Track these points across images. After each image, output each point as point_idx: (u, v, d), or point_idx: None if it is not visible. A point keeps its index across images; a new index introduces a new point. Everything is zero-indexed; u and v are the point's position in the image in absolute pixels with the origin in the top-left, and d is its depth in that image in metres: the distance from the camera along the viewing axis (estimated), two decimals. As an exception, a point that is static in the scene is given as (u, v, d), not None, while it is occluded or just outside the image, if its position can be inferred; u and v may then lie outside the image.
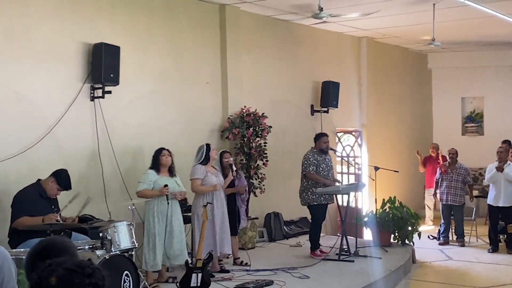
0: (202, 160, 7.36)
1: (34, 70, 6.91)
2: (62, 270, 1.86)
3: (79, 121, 7.36)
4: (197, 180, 7.28)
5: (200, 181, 7.26)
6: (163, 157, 6.99)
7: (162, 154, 7.01)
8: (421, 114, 14.35)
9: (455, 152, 10.43)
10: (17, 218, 5.94)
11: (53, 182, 6.19)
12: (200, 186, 7.26)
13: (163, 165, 6.99)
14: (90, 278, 1.87)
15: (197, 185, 7.27)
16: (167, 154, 7.05)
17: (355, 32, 11.72)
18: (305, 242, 9.38)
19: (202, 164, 7.36)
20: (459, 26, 11.04)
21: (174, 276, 7.11)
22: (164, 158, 6.99)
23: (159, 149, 7.11)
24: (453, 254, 9.57)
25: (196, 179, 7.28)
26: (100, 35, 7.48)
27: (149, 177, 6.87)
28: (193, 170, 7.37)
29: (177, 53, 8.62)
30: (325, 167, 8.49)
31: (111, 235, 5.84)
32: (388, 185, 11.16)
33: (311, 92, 11.06)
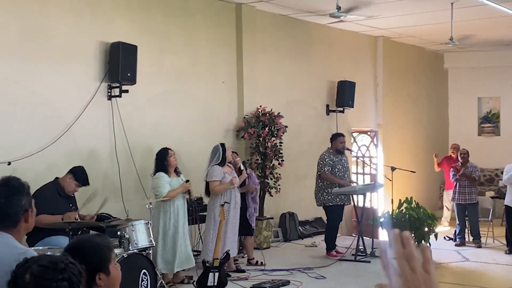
0: (219, 161, 7.33)
1: (52, 69, 6.95)
2: (36, 266, 1.88)
3: (96, 120, 7.40)
4: (215, 182, 7.26)
5: (219, 183, 7.25)
6: (171, 158, 6.89)
7: (169, 155, 6.89)
8: (437, 114, 14.25)
9: (466, 152, 10.34)
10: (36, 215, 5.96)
11: (71, 179, 6.22)
12: (218, 186, 7.25)
13: (172, 166, 6.91)
14: (62, 273, 1.88)
15: (215, 186, 7.26)
16: (173, 154, 6.95)
17: (371, 31, 11.67)
18: (320, 242, 9.35)
19: (220, 165, 7.34)
20: (477, 26, 10.95)
21: (190, 275, 7.12)
22: (172, 158, 6.89)
23: (165, 150, 6.95)
24: (470, 255, 9.49)
25: (214, 181, 7.26)
26: (117, 35, 7.51)
27: (164, 179, 6.80)
28: (211, 171, 7.31)
29: (193, 53, 8.63)
30: (341, 167, 8.46)
31: (129, 234, 5.84)
32: (404, 186, 11.10)
33: (327, 92, 11.02)
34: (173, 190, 6.78)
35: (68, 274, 1.91)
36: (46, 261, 1.92)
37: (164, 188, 6.72)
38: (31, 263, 1.91)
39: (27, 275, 1.88)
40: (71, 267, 1.94)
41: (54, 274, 1.88)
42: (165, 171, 6.85)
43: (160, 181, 6.76)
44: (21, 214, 2.54)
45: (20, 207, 2.53)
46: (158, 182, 6.77)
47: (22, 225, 2.55)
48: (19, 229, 2.54)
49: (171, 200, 6.81)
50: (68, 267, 1.93)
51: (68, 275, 1.91)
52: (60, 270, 1.90)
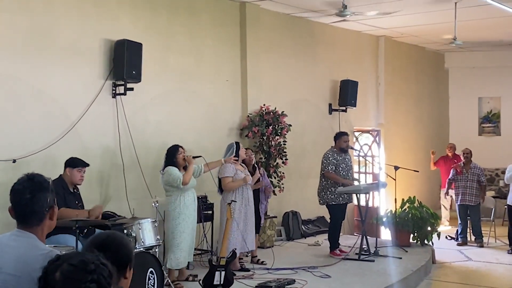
0: None
1: (57, 66, 6.91)
2: (66, 265, 1.85)
3: (101, 118, 7.35)
4: (227, 178, 7.30)
5: (231, 179, 7.27)
6: (180, 156, 6.88)
7: (179, 152, 6.89)
8: (437, 114, 14.25)
9: (469, 152, 10.34)
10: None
11: (70, 170, 6.15)
12: (231, 183, 7.26)
13: (180, 164, 6.89)
14: (92, 274, 1.85)
15: (228, 182, 7.28)
16: (183, 152, 6.94)
17: (373, 31, 11.65)
18: (323, 241, 9.34)
19: None
20: (479, 26, 10.95)
21: (195, 274, 7.08)
22: (180, 156, 6.88)
23: (175, 147, 6.96)
24: (472, 255, 9.49)
25: (226, 177, 7.30)
26: (122, 32, 7.46)
27: (175, 170, 6.77)
28: (223, 168, 7.37)
29: (197, 51, 8.60)
30: (345, 166, 8.43)
31: (135, 232, 5.81)
32: (405, 185, 11.07)
33: (330, 91, 11.00)
34: (187, 173, 6.72)
35: (97, 275, 1.88)
36: (77, 260, 1.88)
37: (179, 174, 6.70)
38: (62, 261, 1.88)
39: (57, 273, 1.85)
40: (101, 268, 1.90)
41: (83, 275, 1.85)
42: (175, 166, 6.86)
43: (172, 172, 6.75)
44: (47, 211, 2.51)
45: (46, 203, 2.50)
46: (170, 173, 6.76)
47: (46, 222, 2.53)
48: (42, 226, 2.51)
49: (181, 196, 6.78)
50: (98, 268, 1.89)
51: (98, 276, 1.88)
52: (90, 271, 1.87)
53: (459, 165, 10.43)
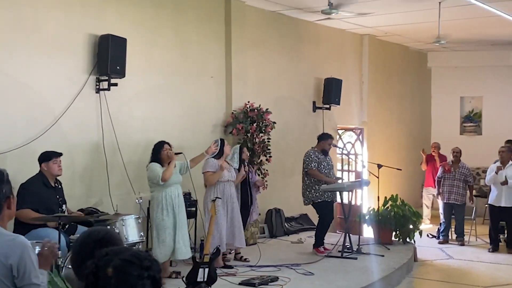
0: (215, 154, 7.37)
1: (41, 61, 6.84)
2: (119, 260, 1.79)
3: (84, 113, 7.29)
4: (208, 173, 7.32)
5: (211, 172, 7.28)
6: (164, 152, 6.86)
7: (164, 149, 6.88)
8: (420, 112, 14.37)
9: (459, 151, 10.42)
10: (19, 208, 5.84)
11: (46, 164, 6.11)
12: (211, 175, 7.30)
13: (164, 160, 6.87)
14: (148, 271, 1.79)
15: (209, 175, 7.31)
16: (169, 148, 6.92)
17: (357, 29, 11.70)
18: (306, 238, 9.38)
19: (215, 158, 7.40)
20: (462, 25, 11.05)
21: (178, 271, 7.06)
22: (164, 153, 6.86)
23: (161, 143, 6.96)
24: (453, 253, 9.59)
25: (207, 172, 7.32)
26: (106, 27, 7.41)
27: (157, 166, 6.78)
28: (205, 163, 7.40)
29: (182, 47, 8.56)
30: (326, 165, 8.47)
31: (119, 229, 5.79)
32: (387, 183, 11.13)
33: (314, 89, 11.03)
34: (166, 170, 6.72)
35: (153, 272, 1.82)
36: (129, 255, 1.82)
37: (158, 172, 6.72)
38: (112, 256, 1.81)
39: (110, 269, 1.78)
40: (155, 264, 1.84)
41: (140, 270, 1.79)
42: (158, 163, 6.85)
43: (153, 169, 6.77)
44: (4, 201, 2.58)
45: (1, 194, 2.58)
46: (151, 170, 6.79)
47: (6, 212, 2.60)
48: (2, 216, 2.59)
49: (163, 192, 6.76)
50: (153, 265, 1.83)
51: (153, 273, 1.82)
52: (146, 267, 1.81)
53: (448, 163, 10.50)
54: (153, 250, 6.75)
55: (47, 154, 6.21)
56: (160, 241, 6.74)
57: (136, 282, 1.76)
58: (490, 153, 11.64)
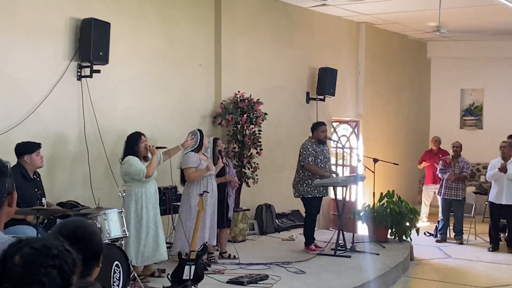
0: (195, 148, 7.30)
1: (19, 45, 6.80)
2: (28, 249, 1.82)
3: (65, 101, 7.27)
4: (191, 168, 7.22)
5: (194, 169, 7.21)
6: (142, 145, 6.68)
7: (141, 141, 6.68)
8: (418, 105, 14.40)
9: (460, 145, 10.46)
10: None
11: (29, 157, 6.05)
12: (194, 173, 7.21)
13: (142, 153, 6.72)
14: (54, 259, 1.81)
15: (191, 172, 7.22)
16: (146, 141, 6.74)
17: (354, 16, 11.70)
18: (298, 236, 9.39)
19: (195, 151, 7.30)
20: (463, 14, 11.07)
21: (162, 268, 7.04)
22: (142, 145, 6.68)
23: (137, 134, 6.74)
24: (451, 252, 9.65)
25: (190, 168, 7.23)
26: (89, 10, 7.37)
27: (136, 159, 6.61)
28: (185, 158, 7.27)
29: (169, 33, 8.53)
30: (323, 158, 8.48)
31: (100, 223, 5.77)
32: (383, 179, 11.16)
33: (307, 79, 11.03)
34: (150, 165, 6.60)
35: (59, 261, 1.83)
36: (39, 244, 1.85)
37: (141, 166, 6.53)
38: (24, 244, 1.84)
39: (17, 256, 1.81)
40: (65, 254, 1.86)
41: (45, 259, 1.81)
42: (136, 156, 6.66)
43: (133, 163, 6.56)
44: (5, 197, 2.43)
45: (4, 189, 2.42)
46: (131, 164, 6.56)
47: (5, 210, 2.43)
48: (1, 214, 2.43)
49: (143, 188, 6.69)
50: (62, 254, 1.85)
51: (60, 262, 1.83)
52: (52, 256, 1.83)
53: (448, 157, 10.54)
54: (129, 251, 6.46)
55: (29, 145, 6.15)
56: (139, 241, 6.59)
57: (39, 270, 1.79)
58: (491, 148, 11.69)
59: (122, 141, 7.74)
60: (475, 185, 13.54)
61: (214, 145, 7.70)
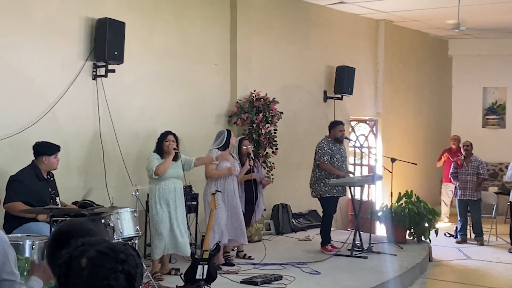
0: (220, 146, 7.42)
1: (34, 46, 6.90)
2: (94, 252, 1.82)
3: (80, 101, 7.37)
4: (212, 165, 7.33)
5: (215, 166, 7.31)
6: (166, 143, 6.89)
7: (166, 140, 6.90)
8: (439, 104, 14.31)
9: (470, 144, 10.41)
10: (9, 201, 5.92)
11: (47, 158, 6.17)
12: (214, 170, 7.31)
13: (166, 152, 6.90)
14: (122, 264, 1.82)
15: (211, 169, 7.34)
16: (172, 140, 6.93)
17: (372, 14, 11.68)
18: (315, 236, 9.40)
19: (220, 150, 7.43)
20: (485, 11, 10.99)
21: (177, 268, 7.13)
22: (166, 144, 6.89)
23: (165, 133, 6.99)
24: (471, 253, 9.59)
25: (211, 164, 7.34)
26: (104, 10, 7.47)
27: (154, 157, 6.83)
28: (209, 154, 7.42)
29: (184, 32, 8.60)
30: (340, 157, 8.49)
31: (114, 222, 5.86)
32: (403, 178, 11.16)
33: (325, 77, 11.03)
34: (161, 164, 6.78)
35: (127, 266, 1.84)
36: (104, 247, 1.85)
37: (153, 164, 6.78)
38: (88, 247, 1.85)
39: (84, 259, 1.81)
40: (131, 259, 1.87)
41: (114, 264, 1.82)
42: (160, 154, 6.90)
43: (150, 160, 6.86)
44: None
45: None
46: (148, 161, 6.88)
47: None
48: None
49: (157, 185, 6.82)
50: (129, 259, 1.86)
51: (128, 267, 1.84)
52: (121, 261, 1.83)
53: (460, 158, 10.51)
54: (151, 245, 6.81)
55: (49, 147, 6.25)
56: (156, 235, 6.82)
57: (109, 275, 1.79)
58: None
59: (137, 139, 7.90)
60: (498, 185, 13.41)
61: (239, 145, 7.83)
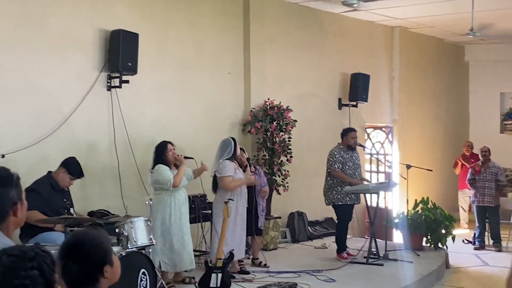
0: (230, 156, 7.34)
1: (49, 57, 7.00)
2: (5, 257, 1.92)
3: (95, 111, 7.44)
4: (228, 177, 7.25)
5: (231, 178, 7.26)
6: (169, 153, 6.84)
7: (168, 150, 6.85)
8: (456, 110, 14.22)
9: (488, 150, 10.34)
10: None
11: (64, 173, 6.27)
12: (233, 181, 7.26)
13: (171, 162, 6.86)
14: (32, 261, 1.91)
15: (229, 182, 7.24)
16: (173, 149, 6.90)
17: (387, 21, 11.66)
18: (331, 244, 9.37)
19: (230, 160, 7.35)
20: (500, 16, 10.92)
21: (192, 276, 7.14)
22: (170, 154, 6.84)
23: (164, 143, 6.91)
24: (489, 259, 9.49)
25: (227, 176, 7.24)
26: (117, 22, 7.55)
27: (166, 168, 6.75)
28: (222, 166, 7.27)
29: (197, 41, 8.66)
30: (352, 165, 8.46)
31: (127, 231, 5.89)
32: (420, 185, 11.09)
33: (339, 85, 11.03)
34: (177, 174, 6.73)
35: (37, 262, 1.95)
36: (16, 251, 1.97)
37: (169, 176, 6.67)
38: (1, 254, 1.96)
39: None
40: (42, 255, 1.98)
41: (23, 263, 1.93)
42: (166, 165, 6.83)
43: (163, 172, 6.71)
44: (9, 207, 2.52)
45: (7, 200, 2.51)
46: (160, 173, 6.72)
47: (11, 219, 2.53)
48: (7, 223, 2.52)
49: (172, 196, 6.80)
50: (38, 255, 1.97)
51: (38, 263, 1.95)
52: (30, 258, 1.94)
53: (477, 164, 10.43)
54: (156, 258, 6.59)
55: (76, 168, 6.34)
56: (168, 248, 6.72)
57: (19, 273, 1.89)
58: (532, 153, 11.53)
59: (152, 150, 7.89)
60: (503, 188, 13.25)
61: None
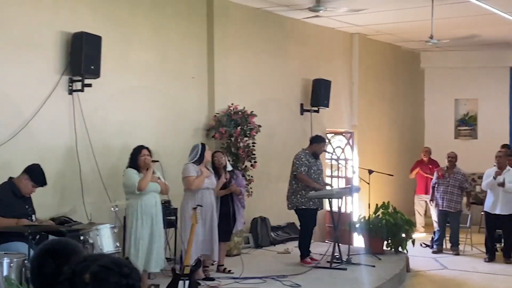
0: (195, 160, 7.28)
1: (8, 60, 6.75)
2: (97, 267, 1.78)
3: (56, 116, 7.21)
4: (191, 177, 7.19)
5: (195, 177, 7.18)
6: (141, 158, 6.77)
7: (141, 155, 6.79)
8: (412, 115, 14.41)
9: (455, 156, 10.44)
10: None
11: (27, 179, 6.07)
12: (195, 179, 7.18)
13: (142, 167, 6.78)
14: (127, 278, 1.79)
15: (193, 180, 7.17)
16: (147, 154, 6.84)
17: (347, 27, 11.71)
18: (293, 248, 9.31)
19: (195, 164, 7.29)
20: (456, 24, 11.10)
21: (157, 284, 6.99)
22: (142, 159, 6.78)
23: (139, 148, 6.88)
24: (448, 263, 9.59)
25: (190, 177, 7.20)
26: (80, 24, 7.34)
27: (132, 172, 6.68)
28: (185, 168, 7.29)
29: (161, 46, 8.51)
30: (316, 169, 8.46)
31: (93, 239, 5.73)
32: (379, 190, 11.14)
33: (301, 90, 11.01)
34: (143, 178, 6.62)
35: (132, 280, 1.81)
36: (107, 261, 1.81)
37: (135, 180, 6.60)
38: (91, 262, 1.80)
39: (87, 275, 1.77)
40: (135, 273, 1.85)
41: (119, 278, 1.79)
42: (136, 169, 6.75)
43: (129, 176, 6.66)
44: None
45: None
46: (127, 177, 6.69)
47: None
48: None
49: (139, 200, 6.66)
50: (133, 273, 1.83)
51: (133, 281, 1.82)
52: (125, 275, 1.80)
53: (442, 168, 10.51)
54: None
55: (39, 176, 6.15)
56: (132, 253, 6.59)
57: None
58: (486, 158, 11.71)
59: (114, 155, 7.74)
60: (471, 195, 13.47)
61: (212, 158, 7.71)
